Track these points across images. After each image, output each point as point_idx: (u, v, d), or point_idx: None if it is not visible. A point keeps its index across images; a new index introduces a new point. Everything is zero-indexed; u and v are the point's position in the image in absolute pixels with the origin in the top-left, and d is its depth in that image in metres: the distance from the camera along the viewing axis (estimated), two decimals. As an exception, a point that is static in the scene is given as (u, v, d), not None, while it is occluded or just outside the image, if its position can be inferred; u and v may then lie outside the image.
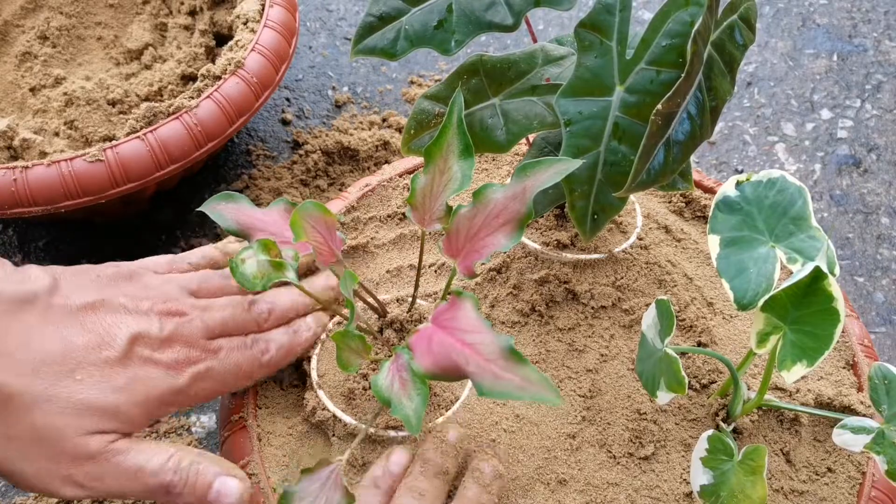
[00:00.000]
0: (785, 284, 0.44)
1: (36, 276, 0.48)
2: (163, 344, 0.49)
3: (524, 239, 0.61)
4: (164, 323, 0.50)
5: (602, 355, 0.58)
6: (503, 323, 0.60)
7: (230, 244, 0.61)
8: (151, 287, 0.52)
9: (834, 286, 0.44)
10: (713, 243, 0.49)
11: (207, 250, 0.59)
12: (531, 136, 0.58)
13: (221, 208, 0.53)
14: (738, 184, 0.50)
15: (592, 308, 0.60)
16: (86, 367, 0.46)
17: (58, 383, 0.45)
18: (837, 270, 0.48)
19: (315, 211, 0.49)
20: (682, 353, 0.58)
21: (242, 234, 0.51)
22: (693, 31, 0.43)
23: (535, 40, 0.57)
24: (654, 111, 0.44)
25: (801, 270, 0.44)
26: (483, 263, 0.46)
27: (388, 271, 0.64)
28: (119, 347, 0.47)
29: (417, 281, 0.55)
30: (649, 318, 0.49)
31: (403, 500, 0.48)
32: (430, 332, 0.44)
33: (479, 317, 0.43)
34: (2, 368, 0.44)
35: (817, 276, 0.43)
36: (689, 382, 0.56)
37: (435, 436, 0.51)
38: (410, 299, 0.60)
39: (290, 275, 0.47)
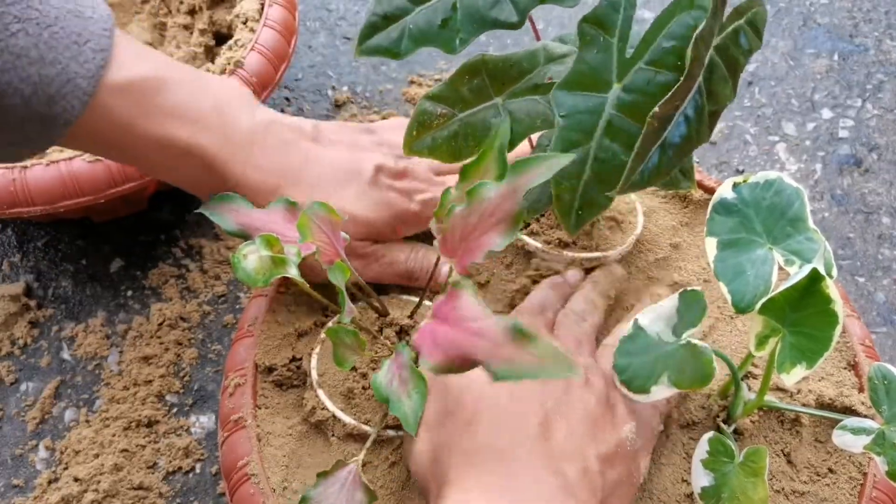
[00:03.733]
0: (782, 287, 0.44)
1: (301, 119, 0.61)
2: (397, 175, 0.60)
3: (525, 238, 0.60)
4: (397, 159, 0.61)
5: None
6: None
7: None
8: (386, 139, 0.63)
9: (831, 288, 0.43)
10: (710, 246, 0.49)
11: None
12: (534, 138, 0.58)
13: (221, 209, 0.53)
14: (735, 185, 0.50)
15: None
16: (349, 186, 0.58)
17: (331, 196, 0.55)
18: (835, 272, 0.48)
19: (321, 211, 0.49)
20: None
21: (243, 235, 0.51)
22: (695, 35, 0.43)
23: (538, 38, 0.56)
24: (651, 113, 0.44)
25: (798, 273, 0.44)
26: (475, 265, 0.46)
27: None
28: (368, 174, 0.59)
29: (425, 290, 0.55)
30: (663, 309, 0.49)
31: (580, 303, 0.57)
32: (432, 326, 0.43)
33: (480, 303, 0.42)
34: (289, 183, 0.57)
35: (815, 278, 0.43)
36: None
37: (606, 269, 0.61)
38: (406, 300, 0.60)
39: (293, 271, 0.47)
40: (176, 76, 0.54)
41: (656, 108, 0.43)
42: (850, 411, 0.55)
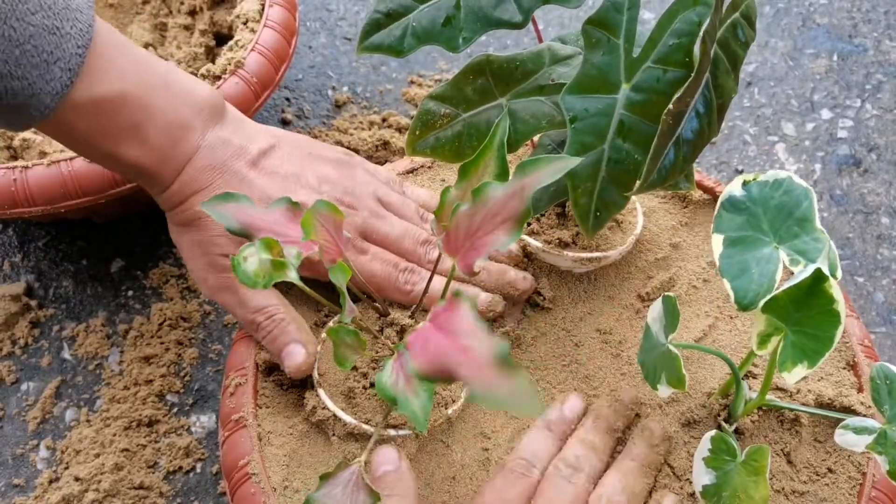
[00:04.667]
0: (786, 285, 0.44)
1: (260, 137, 0.60)
2: None
3: (525, 238, 0.61)
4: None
5: (602, 349, 0.59)
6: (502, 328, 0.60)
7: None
8: (348, 177, 0.61)
9: (835, 288, 0.44)
10: (716, 242, 0.49)
11: (426, 195, 0.66)
12: (535, 138, 0.58)
13: (222, 208, 0.53)
14: (745, 183, 0.50)
15: (593, 304, 0.60)
16: None
17: None
18: (839, 273, 0.48)
19: (325, 210, 0.49)
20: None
21: (244, 234, 0.51)
22: (702, 30, 0.43)
23: (540, 39, 0.56)
24: (666, 110, 0.44)
25: (802, 272, 0.44)
26: (486, 260, 0.46)
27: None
28: None
29: (427, 286, 0.55)
30: (655, 311, 0.49)
31: (576, 449, 0.53)
32: (427, 331, 0.44)
33: (476, 320, 0.42)
34: (200, 198, 0.57)
35: (818, 277, 0.43)
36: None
37: (610, 394, 0.55)
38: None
39: (292, 274, 0.47)
40: (141, 94, 0.54)
41: (670, 105, 0.44)
42: (849, 411, 0.55)
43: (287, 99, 0.92)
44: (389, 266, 0.59)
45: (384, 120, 0.89)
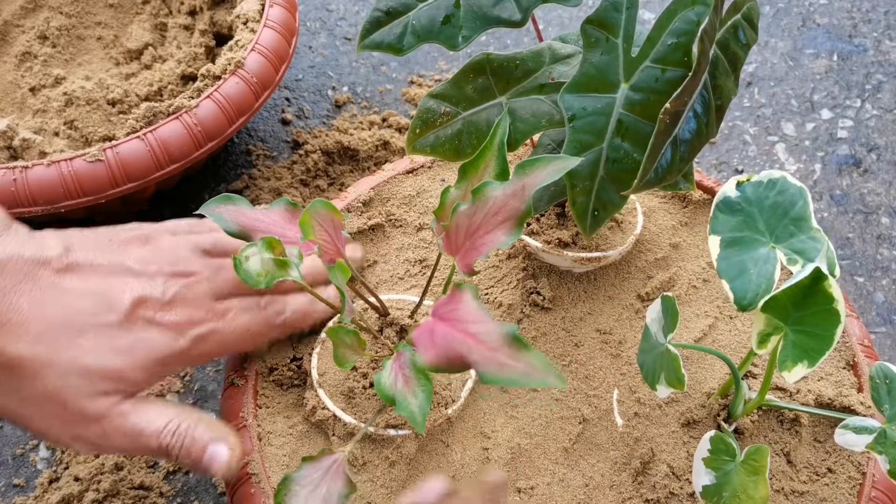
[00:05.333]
0: (785, 285, 0.44)
1: (50, 244, 0.49)
2: (165, 306, 0.50)
3: (525, 238, 0.61)
4: (168, 285, 0.51)
5: (602, 349, 0.59)
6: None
7: None
8: (163, 249, 0.53)
9: (834, 287, 0.44)
10: (713, 244, 0.49)
11: None
12: (535, 137, 0.58)
13: (221, 210, 0.53)
14: (739, 184, 0.50)
15: (593, 304, 0.60)
16: (89, 330, 0.47)
17: (62, 348, 0.47)
18: (838, 272, 0.48)
19: (323, 210, 0.49)
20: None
21: (243, 236, 0.52)
22: (700, 30, 0.43)
23: (540, 39, 0.57)
24: (663, 109, 0.44)
25: (801, 271, 0.44)
26: (486, 259, 0.46)
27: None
28: (121, 311, 0.49)
29: (427, 286, 0.55)
30: (654, 311, 0.49)
31: None
32: (431, 325, 0.44)
33: (480, 307, 0.42)
34: (10, 336, 0.45)
35: (818, 277, 0.43)
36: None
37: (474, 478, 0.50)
38: (409, 302, 0.60)
39: (294, 273, 0.47)
40: None
41: (667, 105, 0.44)
42: (848, 411, 0.55)
43: (287, 99, 0.93)
44: (255, 310, 0.54)
45: (384, 120, 0.89)
